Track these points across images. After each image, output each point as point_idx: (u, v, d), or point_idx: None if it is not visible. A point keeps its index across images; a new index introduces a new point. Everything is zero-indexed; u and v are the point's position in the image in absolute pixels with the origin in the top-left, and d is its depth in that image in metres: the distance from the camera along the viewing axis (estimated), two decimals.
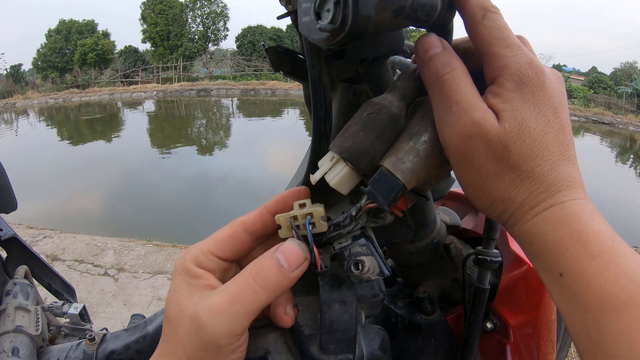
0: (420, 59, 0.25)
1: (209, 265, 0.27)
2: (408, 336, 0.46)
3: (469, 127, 0.23)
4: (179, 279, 0.26)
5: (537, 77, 0.23)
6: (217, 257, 0.27)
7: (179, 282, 0.26)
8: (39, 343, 0.56)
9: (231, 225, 0.28)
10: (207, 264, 0.27)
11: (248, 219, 0.28)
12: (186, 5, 22.72)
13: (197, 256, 0.27)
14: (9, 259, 0.69)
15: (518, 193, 0.23)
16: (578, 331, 0.21)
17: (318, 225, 0.27)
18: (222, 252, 0.27)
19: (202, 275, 0.26)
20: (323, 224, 0.27)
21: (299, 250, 0.26)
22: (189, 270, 0.26)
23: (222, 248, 0.27)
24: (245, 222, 0.28)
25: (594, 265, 0.20)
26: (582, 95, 18.29)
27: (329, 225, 0.27)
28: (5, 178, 0.65)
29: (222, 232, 0.28)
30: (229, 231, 0.28)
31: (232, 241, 0.28)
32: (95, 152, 8.41)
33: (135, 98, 16.87)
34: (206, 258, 0.27)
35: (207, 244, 0.27)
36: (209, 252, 0.27)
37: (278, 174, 6.20)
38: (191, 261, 0.26)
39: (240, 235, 0.28)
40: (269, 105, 15.13)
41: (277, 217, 0.27)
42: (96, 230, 3.88)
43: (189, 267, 0.26)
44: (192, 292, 0.25)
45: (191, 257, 0.27)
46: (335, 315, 0.30)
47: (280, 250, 0.26)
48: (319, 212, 0.27)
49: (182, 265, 0.27)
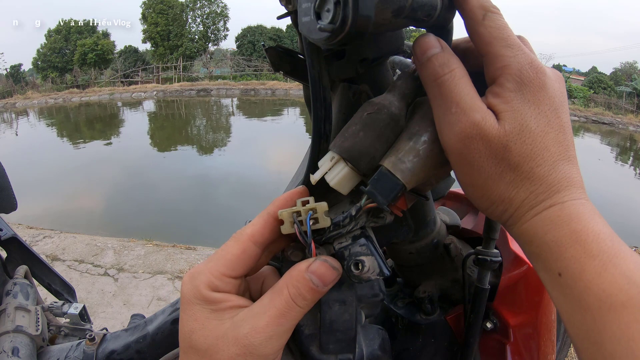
0: (419, 59, 0.25)
1: (226, 288, 0.26)
2: (408, 336, 0.46)
3: (468, 128, 0.23)
4: (197, 308, 0.25)
5: (538, 77, 0.23)
6: (231, 278, 0.26)
7: (198, 311, 0.25)
8: (39, 343, 0.56)
9: (238, 241, 0.27)
10: (224, 287, 0.26)
11: (255, 230, 0.27)
12: (186, 5, 22.72)
13: (211, 281, 0.25)
14: (9, 259, 0.69)
15: (518, 193, 0.23)
16: (577, 331, 0.21)
17: (321, 220, 0.26)
18: (235, 272, 0.26)
19: (224, 298, 0.25)
20: (326, 219, 0.26)
21: (330, 269, 0.26)
22: (206, 298, 0.25)
23: (234, 268, 0.26)
24: (253, 234, 0.27)
25: (593, 266, 0.20)
26: (582, 95, 18.28)
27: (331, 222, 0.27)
28: (5, 178, 0.65)
29: (231, 249, 0.27)
30: (239, 248, 0.27)
31: (243, 258, 0.27)
32: (95, 151, 8.41)
33: (135, 98, 16.86)
34: (221, 282, 0.26)
35: (218, 265, 0.26)
36: (222, 275, 0.26)
37: (278, 172, 6.20)
38: (206, 288, 0.25)
39: (251, 250, 0.27)
40: (269, 105, 15.13)
41: (280, 212, 0.27)
42: (96, 230, 3.87)
43: (205, 294, 0.25)
44: (221, 318, 0.25)
45: (205, 283, 0.25)
46: (335, 315, 0.30)
47: (312, 271, 0.26)
48: (322, 206, 0.26)
49: (196, 294, 0.25)
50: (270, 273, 0.31)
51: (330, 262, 0.26)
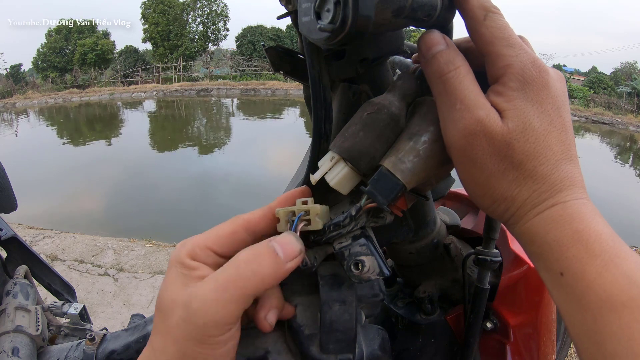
0: (424, 56, 0.25)
1: (205, 260, 0.26)
2: (408, 336, 0.46)
3: (472, 125, 0.23)
4: (173, 270, 0.26)
5: (541, 76, 0.23)
6: (214, 253, 0.26)
7: (172, 273, 0.26)
8: (39, 343, 0.56)
9: (232, 223, 0.27)
10: (203, 258, 0.26)
11: (251, 217, 0.27)
12: (186, 5, 22.71)
13: (194, 250, 0.26)
14: (9, 259, 0.69)
15: (521, 191, 0.23)
16: (577, 331, 0.21)
17: (313, 223, 0.27)
18: (220, 248, 0.26)
19: (197, 267, 0.26)
20: (318, 222, 0.26)
21: (295, 242, 0.26)
22: (183, 262, 0.26)
23: (220, 244, 0.26)
24: (248, 220, 0.27)
25: (595, 266, 0.20)
26: (582, 95, 18.29)
27: (328, 225, 0.27)
28: (5, 178, 0.65)
29: (222, 228, 0.27)
30: (230, 228, 0.27)
31: (231, 238, 0.27)
32: (95, 151, 8.41)
33: (135, 98, 16.87)
34: (202, 252, 0.26)
35: (204, 238, 0.27)
36: (206, 247, 0.26)
37: (278, 172, 6.20)
38: (187, 254, 0.26)
39: (240, 233, 0.27)
40: (269, 105, 15.14)
41: (277, 210, 0.27)
42: (96, 230, 3.87)
43: (183, 259, 0.26)
44: (186, 283, 0.25)
45: (187, 250, 0.26)
46: (335, 315, 0.30)
47: (277, 240, 0.25)
48: (315, 209, 0.26)
49: (177, 258, 0.26)
50: None
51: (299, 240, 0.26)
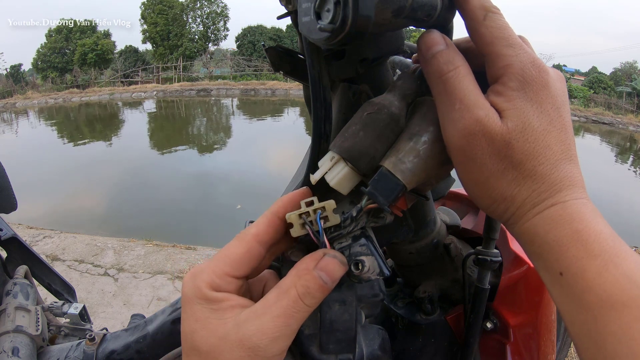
0: (423, 56, 0.25)
1: (228, 288, 0.25)
2: (408, 336, 0.46)
3: (472, 125, 0.23)
4: (198, 308, 0.24)
5: (541, 76, 0.23)
6: (235, 278, 0.25)
7: (198, 311, 0.24)
8: (39, 343, 0.56)
9: (242, 240, 0.26)
10: (226, 287, 0.25)
11: (259, 229, 0.26)
12: (186, 5, 22.71)
13: (213, 280, 0.25)
14: (9, 259, 0.69)
15: (520, 191, 0.23)
16: (578, 331, 0.21)
17: (331, 218, 0.26)
18: (239, 272, 0.25)
19: (224, 298, 0.24)
20: (335, 216, 0.26)
21: (339, 264, 0.26)
22: (207, 297, 0.24)
23: (238, 268, 0.25)
24: (257, 234, 0.26)
25: (594, 265, 0.20)
26: (582, 95, 18.29)
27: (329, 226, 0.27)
28: (5, 178, 0.65)
29: (235, 249, 0.26)
30: (243, 248, 0.26)
31: (247, 258, 0.26)
32: (95, 151, 8.41)
33: (135, 98, 16.86)
34: (223, 280, 0.25)
35: (221, 264, 0.25)
36: (225, 274, 0.25)
37: (278, 171, 6.20)
38: (208, 287, 0.24)
39: (255, 250, 0.26)
40: (269, 105, 15.14)
41: (288, 215, 0.26)
42: (96, 230, 3.87)
43: (206, 293, 0.24)
44: (222, 317, 0.24)
45: (206, 282, 0.25)
46: (335, 315, 0.30)
47: (321, 268, 0.25)
48: (330, 204, 0.26)
49: (196, 293, 0.24)
50: (271, 276, 0.30)
51: (339, 257, 0.26)
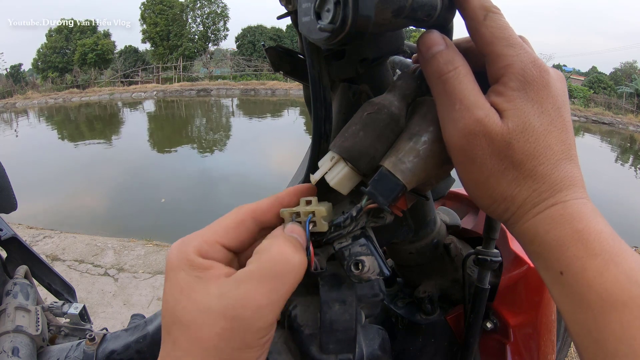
0: (423, 56, 0.25)
1: (216, 256, 0.24)
2: (408, 336, 0.46)
3: (472, 125, 0.23)
4: (182, 276, 0.23)
5: (541, 76, 0.23)
6: (224, 247, 0.24)
7: (183, 279, 0.23)
8: (39, 343, 0.56)
9: (237, 213, 0.26)
10: (214, 255, 0.24)
11: (259, 207, 0.26)
12: (186, 5, 22.71)
13: (202, 247, 0.23)
14: (9, 259, 0.69)
15: (520, 191, 0.23)
16: (578, 330, 0.21)
17: (319, 225, 0.27)
18: (229, 242, 0.24)
19: (211, 265, 0.23)
20: (324, 224, 0.26)
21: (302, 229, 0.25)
22: (194, 262, 0.23)
23: (229, 237, 0.24)
24: (255, 210, 0.26)
25: (595, 265, 0.20)
26: (582, 95, 18.28)
27: (329, 225, 0.27)
28: (5, 178, 0.65)
29: (228, 219, 0.25)
30: (236, 218, 0.25)
31: (239, 229, 0.25)
32: (95, 151, 8.41)
33: (135, 98, 16.86)
34: (212, 248, 0.24)
35: (211, 232, 0.24)
36: (215, 242, 0.24)
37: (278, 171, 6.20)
38: (195, 253, 0.23)
39: (248, 223, 0.25)
40: (269, 105, 15.14)
41: (282, 211, 0.27)
42: (96, 230, 3.87)
43: (193, 259, 0.23)
44: (207, 287, 0.22)
45: (194, 248, 0.23)
46: (335, 315, 0.30)
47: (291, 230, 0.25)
48: (320, 211, 0.26)
49: (183, 259, 0.23)
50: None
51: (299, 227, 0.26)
